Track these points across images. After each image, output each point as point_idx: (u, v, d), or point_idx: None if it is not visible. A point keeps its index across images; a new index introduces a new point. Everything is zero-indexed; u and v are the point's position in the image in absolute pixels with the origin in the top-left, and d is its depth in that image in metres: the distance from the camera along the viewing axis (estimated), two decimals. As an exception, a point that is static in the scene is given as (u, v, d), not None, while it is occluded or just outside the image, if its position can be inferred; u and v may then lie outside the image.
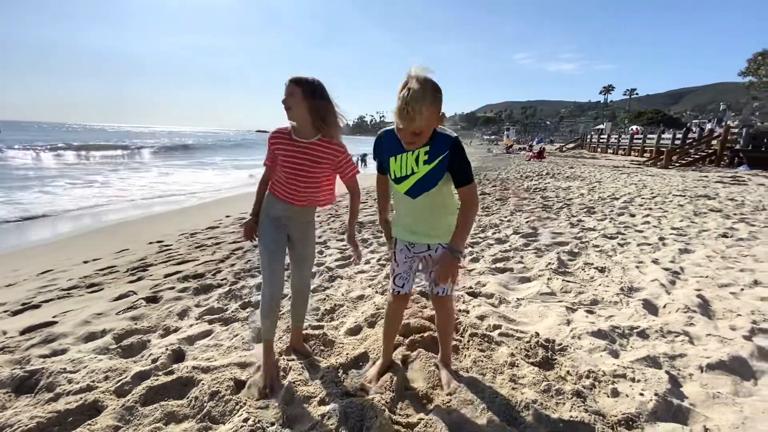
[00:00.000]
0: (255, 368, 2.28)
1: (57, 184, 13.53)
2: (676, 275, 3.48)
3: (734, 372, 1.99)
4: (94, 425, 1.85)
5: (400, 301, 2.01)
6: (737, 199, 8.18)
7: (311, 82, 1.99)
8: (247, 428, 1.73)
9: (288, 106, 1.98)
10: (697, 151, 20.51)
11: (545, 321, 2.63)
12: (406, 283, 1.94)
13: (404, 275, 1.92)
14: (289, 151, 2.06)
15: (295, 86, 1.96)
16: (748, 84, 33.28)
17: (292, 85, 1.97)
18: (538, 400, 1.76)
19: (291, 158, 2.06)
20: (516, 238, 5.02)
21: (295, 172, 2.07)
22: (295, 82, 1.97)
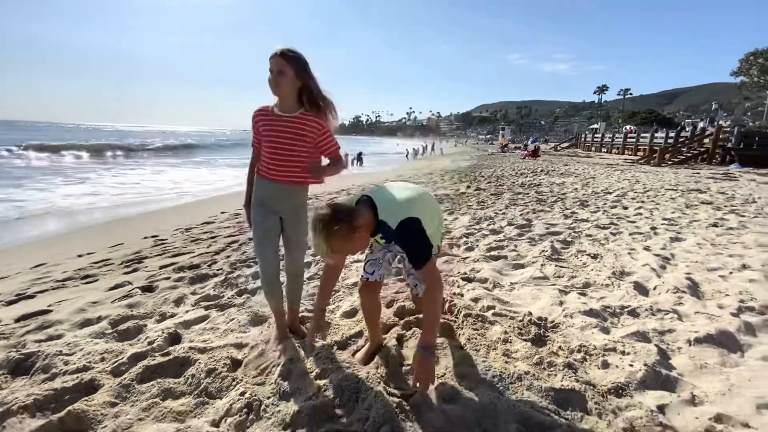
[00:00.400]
0: (252, 347, 2.30)
1: (49, 182, 13.44)
2: (667, 261, 3.53)
3: (722, 345, 2.04)
4: (91, 401, 1.86)
5: (369, 288, 1.98)
6: (728, 192, 8.30)
7: (301, 58, 1.97)
8: (244, 401, 1.75)
9: (277, 84, 1.94)
10: (689, 149, 20.72)
11: (538, 302, 2.67)
12: (376, 270, 1.96)
13: (375, 262, 1.95)
14: (272, 126, 2.05)
15: (285, 62, 1.91)
16: (740, 84, 33.67)
17: (281, 60, 1.91)
18: (531, 371, 1.79)
19: (274, 132, 2.05)
20: (510, 229, 5.07)
21: (277, 146, 2.05)
22: (284, 57, 1.91)
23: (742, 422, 1.49)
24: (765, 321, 2.29)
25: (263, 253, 2.23)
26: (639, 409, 1.54)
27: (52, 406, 1.90)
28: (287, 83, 1.95)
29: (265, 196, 2.18)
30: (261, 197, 2.20)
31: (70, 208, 9.81)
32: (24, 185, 12.53)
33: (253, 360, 2.17)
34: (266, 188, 2.16)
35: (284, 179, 2.10)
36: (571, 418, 1.52)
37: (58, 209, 9.57)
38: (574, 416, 1.53)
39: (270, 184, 2.13)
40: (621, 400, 1.63)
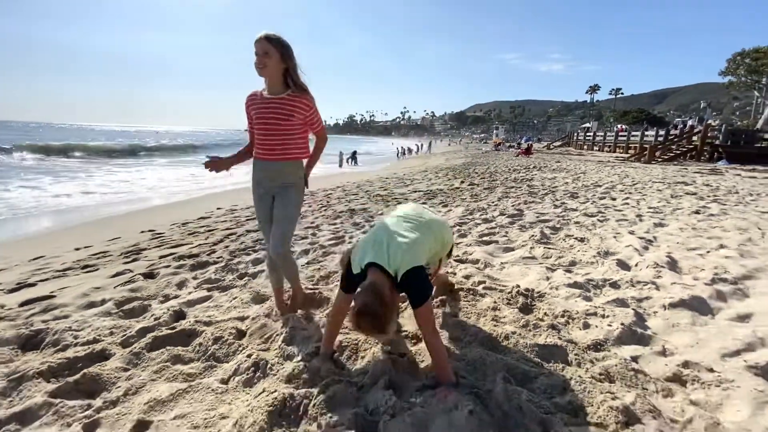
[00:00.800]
0: (254, 319, 2.42)
1: (41, 180, 13.38)
2: (650, 242, 3.70)
3: (694, 308, 2.19)
4: (104, 367, 1.96)
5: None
6: (713, 185, 8.54)
7: (284, 42, 2.09)
8: (251, 362, 1.87)
9: (263, 65, 2.06)
10: (678, 146, 21.10)
11: (526, 278, 2.81)
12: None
13: None
14: (262, 108, 2.17)
15: (270, 45, 2.04)
16: (728, 84, 34.22)
17: (266, 43, 2.03)
18: (517, 332, 1.93)
19: (264, 113, 2.17)
20: (502, 218, 5.22)
21: (268, 127, 2.17)
22: (269, 41, 2.04)
23: (707, 367, 1.64)
24: (736, 289, 2.46)
25: (265, 231, 2.38)
26: (614, 359, 1.68)
27: (66, 372, 2.00)
28: (273, 65, 2.07)
29: (261, 177, 2.29)
30: (258, 179, 2.31)
31: (61, 205, 9.83)
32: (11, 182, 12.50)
33: (257, 330, 2.28)
34: (262, 168, 2.27)
35: (278, 157, 2.22)
36: (553, 368, 1.66)
37: (50, 207, 9.59)
38: (555, 367, 1.67)
39: (265, 164, 2.25)
40: (599, 353, 1.78)
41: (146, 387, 1.78)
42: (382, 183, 11.44)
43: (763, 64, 28.32)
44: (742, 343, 1.77)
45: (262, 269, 3.60)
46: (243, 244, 4.86)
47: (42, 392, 1.78)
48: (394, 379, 1.64)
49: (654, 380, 1.56)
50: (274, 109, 2.15)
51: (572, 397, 1.42)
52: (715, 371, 1.61)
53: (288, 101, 2.14)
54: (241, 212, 7.90)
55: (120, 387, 1.79)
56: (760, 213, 5.21)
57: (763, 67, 28.46)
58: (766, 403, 1.40)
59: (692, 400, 1.45)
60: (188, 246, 5.08)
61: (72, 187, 12.56)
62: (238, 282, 3.29)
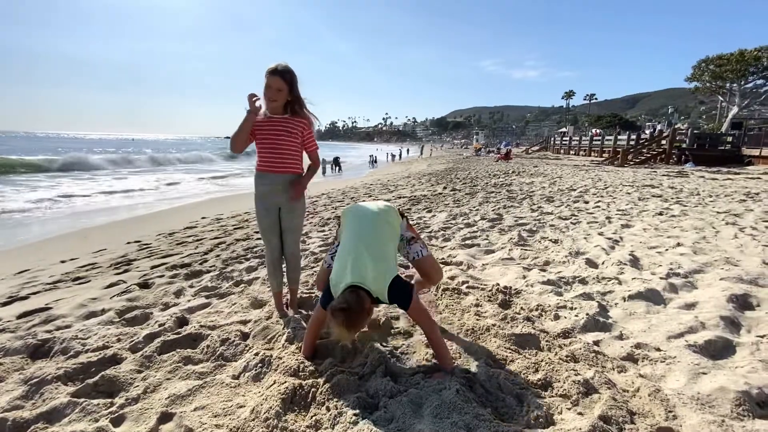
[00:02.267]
0: (256, 322, 2.60)
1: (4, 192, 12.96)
2: (616, 243, 4.06)
3: (649, 299, 2.51)
4: (119, 369, 2.11)
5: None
6: (677, 187, 9.13)
7: (294, 75, 2.33)
8: (258, 359, 2.06)
9: (275, 99, 2.30)
10: (649, 150, 22.13)
11: (505, 277, 3.09)
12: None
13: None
14: (266, 126, 2.41)
15: (283, 82, 2.27)
16: (694, 89, 35.88)
17: (280, 81, 2.26)
18: (497, 324, 2.19)
19: (268, 131, 2.40)
20: (483, 223, 5.52)
21: (271, 142, 2.40)
22: (282, 77, 2.26)
23: (655, 347, 1.93)
24: (686, 282, 2.79)
25: (268, 240, 2.59)
26: (579, 344, 1.95)
27: (81, 376, 2.13)
28: (282, 98, 2.33)
29: (265, 190, 2.51)
30: (262, 191, 2.52)
31: (36, 216, 9.66)
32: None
33: (260, 332, 2.46)
34: (266, 181, 2.49)
35: (280, 170, 2.45)
36: (527, 353, 1.91)
37: (24, 218, 9.42)
38: (529, 352, 1.93)
39: (269, 176, 2.47)
40: (566, 340, 2.05)
41: (163, 385, 1.94)
42: (366, 189, 11.68)
43: (726, 71, 29.94)
44: (685, 327, 2.07)
45: (256, 276, 3.76)
46: (234, 252, 4.99)
47: (64, 393, 1.91)
48: (390, 368, 1.86)
49: (611, 359, 1.83)
50: (280, 128, 2.38)
51: (543, 375, 1.68)
52: (661, 350, 1.90)
53: (291, 120, 2.39)
54: (227, 221, 7.98)
55: (138, 386, 1.95)
56: (716, 213, 5.68)
57: (726, 74, 30.08)
58: (699, 374, 1.69)
59: (641, 374, 1.73)
60: (179, 256, 5.17)
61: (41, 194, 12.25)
62: (235, 289, 3.44)
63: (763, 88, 29.74)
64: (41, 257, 6.06)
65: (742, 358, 1.84)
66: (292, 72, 2.32)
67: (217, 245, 5.61)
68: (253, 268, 4.07)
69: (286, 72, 2.29)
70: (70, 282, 4.43)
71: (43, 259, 5.97)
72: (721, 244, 3.92)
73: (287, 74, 2.30)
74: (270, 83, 2.28)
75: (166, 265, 4.65)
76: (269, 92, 2.30)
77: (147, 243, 6.43)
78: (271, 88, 2.29)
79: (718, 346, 1.95)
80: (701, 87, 34.13)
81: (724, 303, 2.37)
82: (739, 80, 29.62)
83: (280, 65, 2.30)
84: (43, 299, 3.78)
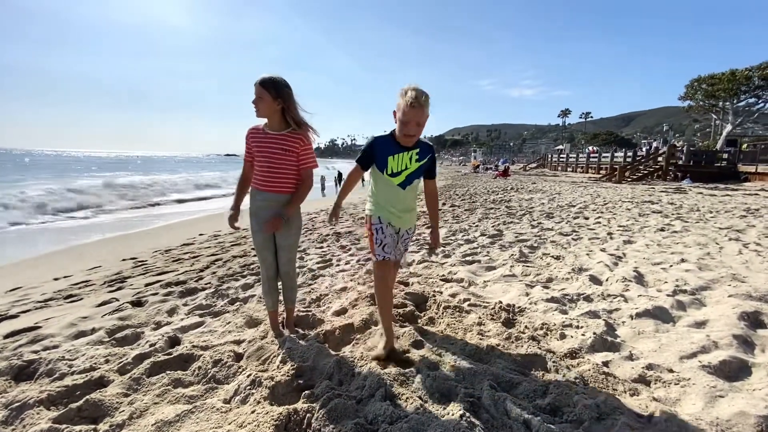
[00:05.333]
0: (250, 342, 2.50)
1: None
2: (619, 259, 3.99)
3: (657, 317, 2.42)
4: (105, 393, 2.00)
5: (388, 266, 2.20)
6: (676, 203, 9.12)
7: (276, 82, 2.29)
8: (251, 382, 1.95)
9: (257, 108, 2.30)
10: (646, 167, 22.28)
11: (508, 294, 3.00)
12: (393, 251, 2.23)
13: (391, 244, 2.22)
14: (263, 143, 2.36)
15: (262, 88, 2.26)
16: (687, 108, 36.39)
17: (260, 88, 2.26)
18: (501, 344, 2.10)
19: (265, 148, 2.36)
20: (483, 239, 5.46)
21: (266, 160, 2.35)
22: (262, 84, 2.26)
23: (668, 368, 1.84)
24: (693, 299, 2.71)
25: (263, 258, 2.50)
26: (588, 365, 1.86)
27: (65, 400, 2.02)
28: (265, 107, 2.29)
29: (260, 207, 2.44)
30: (256, 207, 2.46)
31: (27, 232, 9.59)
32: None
33: (254, 353, 2.36)
34: (259, 198, 2.43)
35: (275, 189, 2.39)
36: (533, 375, 1.82)
37: (15, 234, 9.34)
38: (536, 374, 1.84)
39: (263, 194, 2.41)
40: (574, 360, 1.95)
41: (150, 410, 1.84)
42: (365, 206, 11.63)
43: (719, 90, 30.43)
44: (697, 347, 1.99)
45: (252, 294, 3.67)
46: (230, 269, 4.90)
47: (45, 419, 1.81)
48: (389, 391, 1.77)
49: (622, 381, 1.74)
50: (274, 145, 2.33)
51: (551, 399, 1.58)
52: (674, 371, 1.81)
53: (287, 137, 2.33)
54: (224, 238, 7.90)
55: (124, 411, 1.84)
56: (718, 229, 5.63)
57: (719, 92, 30.55)
58: (717, 396, 1.60)
59: (655, 397, 1.64)
60: (174, 273, 5.07)
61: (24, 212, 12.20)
62: (230, 307, 3.34)
63: (755, 107, 30.17)
64: (34, 275, 5.96)
65: (759, 379, 1.75)
66: (275, 80, 2.28)
67: (213, 262, 5.52)
68: (249, 286, 3.98)
69: (266, 80, 2.27)
70: (61, 300, 4.33)
71: (37, 276, 5.87)
72: (726, 260, 3.86)
73: (268, 82, 2.26)
74: (254, 91, 2.29)
75: (160, 282, 4.55)
76: (253, 103, 2.30)
77: (143, 260, 6.33)
78: (254, 100, 2.29)
79: (733, 366, 1.87)
80: (695, 105, 34.63)
81: (735, 321, 2.29)
82: (732, 99, 30.10)
83: (264, 75, 2.29)
84: (33, 318, 3.68)
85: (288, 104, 2.29)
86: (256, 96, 2.28)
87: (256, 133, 2.42)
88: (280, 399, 1.81)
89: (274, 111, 2.30)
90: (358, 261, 4.63)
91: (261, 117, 2.34)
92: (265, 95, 2.26)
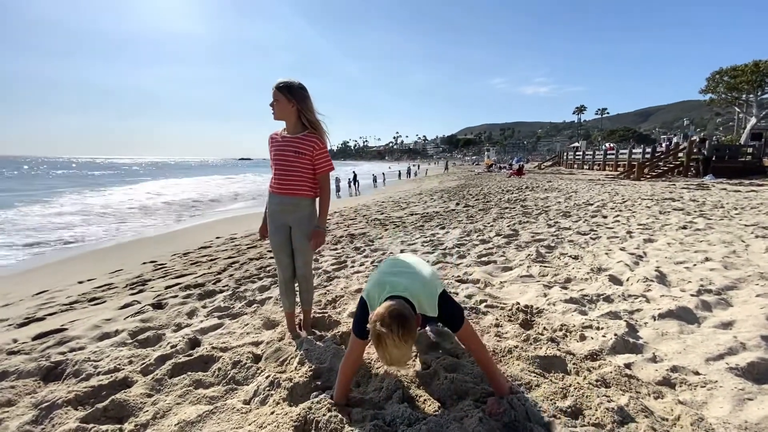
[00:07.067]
0: (268, 343, 2.53)
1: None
2: (640, 258, 3.89)
3: (681, 318, 2.35)
4: (129, 393, 2.06)
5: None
6: (699, 200, 8.85)
7: (291, 85, 2.33)
8: (269, 383, 1.98)
9: (273, 111, 2.35)
10: (666, 163, 21.68)
11: (525, 295, 2.96)
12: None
13: None
14: (279, 146, 2.41)
15: (278, 91, 2.31)
16: (709, 101, 35.37)
17: (276, 91, 2.32)
18: (519, 345, 2.07)
19: (279, 151, 2.40)
20: (498, 239, 5.40)
21: (281, 163, 2.39)
22: (278, 88, 2.31)
23: (693, 371, 1.78)
24: (719, 299, 2.62)
25: (280, 260, 2.54)
26: (609, 367, 1.82)
27: (92, 400, 2.09)
28: (281, 109, 2.34)
29: (275, 210, 2.48)
30: (272, 211, 2.50)
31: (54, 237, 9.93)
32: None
33: (272, 354, 2.39)
34: (275, 202, 2.47)
35: (289, 192, 2.41)
36: (553, 377, 1.79)
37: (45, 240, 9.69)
38: (556, 376, 1.81)
39: (278, 198, 2.45)
40: (595, 362, 1.92)
41: (173, 410, 1.88)
42: (378, 207, 11.66)
43: (741, 82, 29.50)
44: (724, 348, 1.92)
45: (269, 296, 3.72)
46: (247, 272, 4.97)
47: (73, 419, 1.87)
48: (407, 393, 1.77)
49: (646, 384, 1.70)
50: (288, 148, 2.37)
51: (572, 402, 1.56)
52: (700, 374, 1.76)
53: (301, 140, 2.36)
54: (241, 240, 8.02)
55: (148, 411, 1.89)
56: (744, 226, 5.44)
57: (742, 84, 29.62)
58: (745, 399, 1.55)
59: (680, 400, 1.59)
60: (193, 276, 5.18)
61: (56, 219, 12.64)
62: (248, 309, 3.39)
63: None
64: (60, 278, 6.17)
65: (790, 382, 1.69)
66: (290, 83, 2.32)
67: (230, 265, 5.61)
68: (265, 288, 4.03)
69: (281, 85, 2.31)
70: (86, 303, 4.47)
71: (61, 280, 6.08)
72: (753, 258, 3.73)
73: (282, 86, 2.30)
74: (272, 96, 2.34)
75: (180, 285, 4.66)
76: (270, 103, 2.34)
77: (162, 263, 6.49)
78: (272, 99, 2.34)
79: (762, 369, 1.80)
80: (716, 99, 33.62)
81: (764, 321, 2.21)
82: (756, 91, 29.09)
83: (281, 79, 2.33)
84: (59, 320, 3.81)
85: (303, 106, 2.33)
86: (272, 99, 2.33)
87: (274, 138, 2.48)
88: (299, 400, 1.83)
89: (289, 113, 2.34)
90: (373, 262, 4.64)
91: (278, 119, 2.39)
92: (280, 97, 2.31)
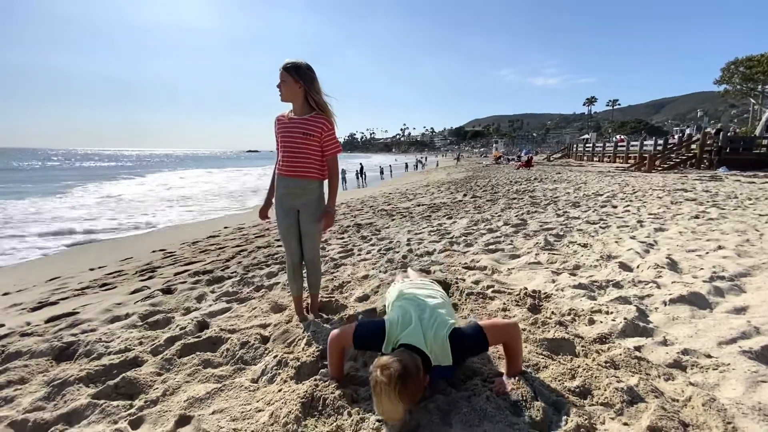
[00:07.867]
0: (276, 326, 2.55)
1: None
2: (651, 246, 3.83)
3: (693, 304, 2.31)
4: (140, 371, 2.09)
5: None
6: (712, 191, 8.68)
7: (298, 65, 2.30)
8: (277, 363, 1.99)
9: (280, 92, 2.32)
10: (678, 155, 21.27)
11: (533, 281, 2.94)
12: None
13: None
14: (286, 127, 2.39)
15: (285, 72, 2.28)
16: (723, 92, 34.57)
17: (283, 72, 2.28)
18: (527, 328, 2.06)
19: (286, 132, 2.38)
20: (506, 228, 5.36)
21: (289, 145, 2.37)
22: (285, 68, 2.28)
23: (705, 354, 1.75)
24: (733, 285, 2.57)
25: (288, 244, 2.54)
26: (619, 349, 1.80)
27: (103, 378, 2.12)
28: (287, 90, 2.30)
29: (282, 193, 2.47)
30: (280, 194, 2.49)
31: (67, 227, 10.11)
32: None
33: (280, 336, 2.41)
34: (283, 184, 2.45)
35: (297, 174, 2.40)
36: (561, 359, 1.78)
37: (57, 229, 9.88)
38: (564, 358, 1.79)
39: (286, 180, 2.43)
40: (604, 345, 1.89)
41: (182, 388, 1.91)
42: (385, 198, 11.64)
43: (757, 72, 28.76)
44: (737, 332, 1.89)
45: (276, 282, 3.74)
46: (255, 259, 5.00)
47: (85, 395, 1.90)
48: (413, 373, 1.76)
49: (656, 366, 1.68)
50: (295, 129, 2.34)
51: (581, 382, 1.54)
52: (712, 357, 1.73)
53: (309, 121, 2.34)
54: (248, 230, 8.08)
55: (158, 389, 1.92)
56: (758, 216, 5.33)
57: (758, 75, 28.89)
58: (759, 381, 1.52)
59: (691, 382, 1.57)
60: (201, 263, 5.23)
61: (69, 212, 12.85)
62: (256, 294, 3.42)
63: (798, 90, 28.36)
64: (72, 266, 6.29)
65: (805, 366, 1.65)
66: (297, 64, 2.29)
67: (238, 252, 5.65)
68: (273, 274, 4.05)
69: (288, 65, 2.28)
70: (97, 288, 4.54)
71: (74, 267, 6.19)
72: (767, 246, 3.65)
73: (290, 67, 2.28)
74: (279, 77, 2.31)
75: (188, 271, 4.71)
76: (278, 84, 2.31)
77: (171, 251, 6.57)
78: (279, 80, 2.31)
79: (776, 353, 1.76)
80: (731, 90, 32.84)
81: (778, 307, 2.17)
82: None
83: (288, 60, 2.30)
84: (71, 304, 3.88)
85: (309, 87, 2.30)
86: (280, 80, 2.30)
87: (281, 119, 2.45)
88: (306, 379, 1.84)
89: (296, 94, 2.31)
90: (379, 251, 4.64)
91: (285, 101, 2.36)
92: (287, 78, 2.28)
